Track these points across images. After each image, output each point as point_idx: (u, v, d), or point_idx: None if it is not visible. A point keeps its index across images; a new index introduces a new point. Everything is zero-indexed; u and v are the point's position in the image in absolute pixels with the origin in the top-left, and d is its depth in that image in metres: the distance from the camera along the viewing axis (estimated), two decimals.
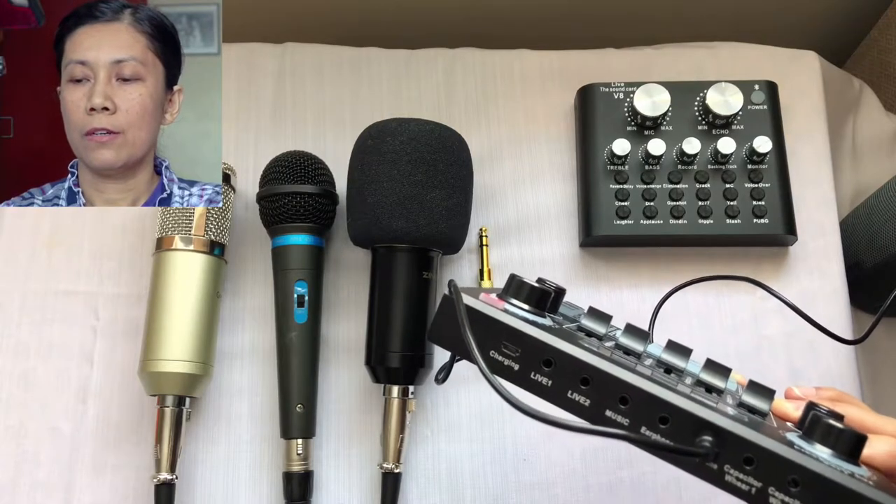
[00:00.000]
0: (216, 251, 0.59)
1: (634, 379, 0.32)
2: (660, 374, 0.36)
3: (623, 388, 0.32)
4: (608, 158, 0.64)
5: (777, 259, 0.64)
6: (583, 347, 0.34)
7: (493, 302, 0.36)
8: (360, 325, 0.60)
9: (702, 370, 0.38)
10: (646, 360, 0.38)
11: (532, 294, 0.37)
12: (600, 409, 0.33)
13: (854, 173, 0.77)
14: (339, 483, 0.59)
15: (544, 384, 0.34)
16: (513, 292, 0.38)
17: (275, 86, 0.70)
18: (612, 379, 0.32)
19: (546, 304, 0.38)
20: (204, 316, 0.57)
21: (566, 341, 0.33)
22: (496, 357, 0.35)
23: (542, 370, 0.34)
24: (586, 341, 0.36)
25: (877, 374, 0.70)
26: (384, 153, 0.56)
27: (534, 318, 0.36)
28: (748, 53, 0.71)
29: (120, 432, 0.59)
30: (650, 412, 0.32)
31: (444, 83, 0.70)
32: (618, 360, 0.34)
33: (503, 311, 0.35)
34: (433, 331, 0.36)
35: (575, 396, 0.34)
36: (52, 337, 0.62)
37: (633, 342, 0.38)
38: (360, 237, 0.58)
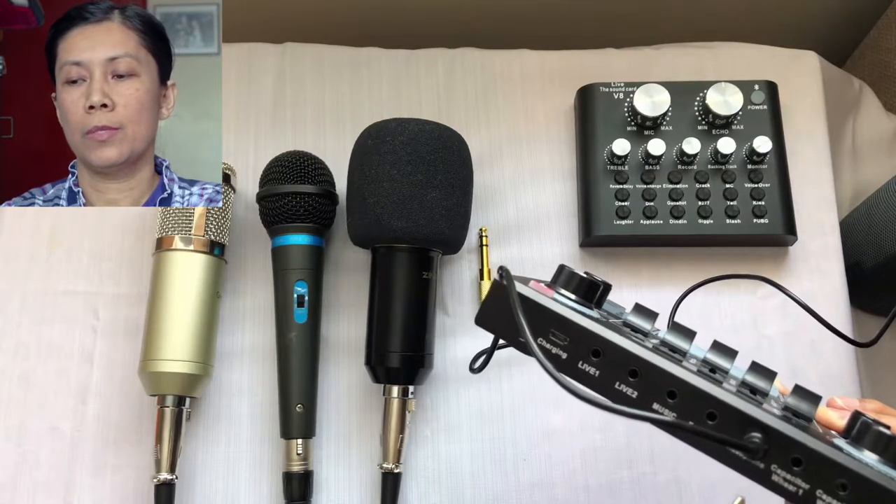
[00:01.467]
0: (216, 251, 0.59)
1: (683, 374, 0.32)
2: (706, 372, 0.36)
3: (672, 382, 0.32)
4: (608, 158, 0.64)
5: (777, 259, 0.64)
6: (632, 340, 0.34)
7: (543, 290, 0.35)
8: (360, 325, 0.60)
9: (747, 372, 0.38)
10: (690, 359, 0.38)
11: (581, 285, 0.37)
12: (647, 402, 0.33)
13: (854, 173, 0.77)
14: (339, 483, 0.59)
15: (592, 374, 0.34)
16: (562, 282, 0.38)
17: (275, 86, 0.70)
18: (661, 372, 0.32)
19: (594, 297, 0.38)
20: (204, 316, 0.57)
21: (615, 332, 0.34)
22: (544, 345, 0.35)
23: (591, 360, 0.34)
24: (633, 336, 0.36)
25: (877, 374, 0.70)
26: (384, 153, 0.56)
27: (582, 309, 0.36)
28: (748, 53, 0.71)
29: (120, 432, 0.59)
30: (698, 407, 0.32)
31: (444, 83, 0.70)
32: (666, 355, 0.34)
33: (552, 299, 0.35)
34: (481, 315, 0.36)
35: (622, 388, 0.34)
36: (52, 337, 0.62)
37: (678, 340, 0.38)
38: (360, 237, 0.58)
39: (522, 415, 0.60)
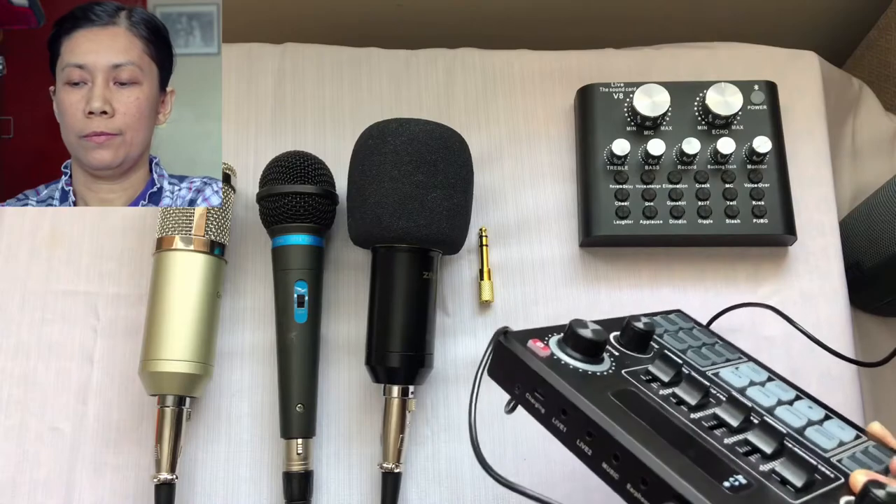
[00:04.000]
0: (216, 251, 0.59)
1: (624, 439, 0.35)
2: (702, 425, 0.39)
3: (614, 447, 0.36)
4: (608, 158, 0.64)
5: (777, 259, 0.64)
6: (595, 404, 0.37)
7: (538, 350, 0.40)
8: (360, 325, 0.60)
9: (756, 431, 0.39)
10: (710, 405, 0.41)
11: (578, 344, 0.41)
12: (598, 461, 0.37)
13: (854, 173, 0.77)
14: (339, 483, 0.59)
15: (561, 429, 0.39)
16: (562, 342, 0.42)
17: (275, 86, 0.70)
18: (608, 436, 0.36)
19: (597, 353, 0.42)
20: (204, 316, 0.57)
21: (583, 396, 0.37)
22: (529, 398, 0.40)
23: (561, 418, 0.38)
24: (644, 386, 0.41)
25: (876, 375, 0.70)
26: (385, 153, 0.56)
27: (576, 366, 0.40)
28: (748, 53, 0.71)
29: (120, 432, 0.60)
30: (636, 472, 0.34)
31: (444, 83, 0.71)
32: (623, 417, 0.37)
33: (544, 358, 0.40)
34: (490, 370, 0.42)
35: (581, 445, 0.38)
36: (52, 337, 0.62)
37: (688, 394, 0.41)
38: (361, 237, 0.58)
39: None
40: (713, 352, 0.49)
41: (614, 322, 0.46)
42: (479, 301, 0.63)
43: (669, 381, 0.42)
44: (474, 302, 0.64)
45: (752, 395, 0.45)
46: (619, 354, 0.44)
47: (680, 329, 0.51)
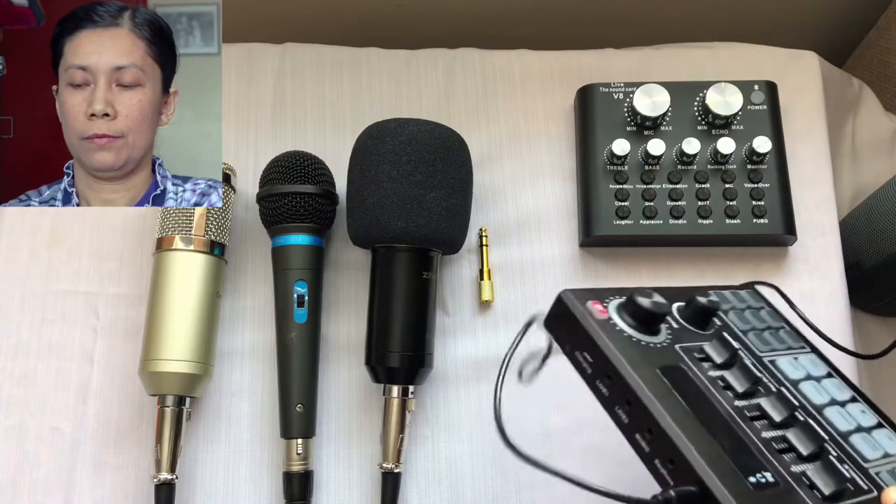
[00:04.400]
0: (216, 251, 0.59)
1: (659, 415, 0.36)
2: (744, 414, 0.39)
3: (649, 422, 0.36)
4: (608, 158, 0.64)
5: (777, 259, 0.64)
6: (640, 375, 0.37)
7: (595, 312, 0.40)
8: (360, 325, 0.60)
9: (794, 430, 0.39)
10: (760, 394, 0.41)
11: (637, 313, 0.41)
12: (633, 431, 0.37)
13: (854, 173, 0.77)
14: (339, 483, 0.59)
15: (604, 392, 0.39)
16: (625, 306, 0.42)
17: (275, 86, 0.70)
18: (644, 408, 0.36)
19: (654, 324, 0.41)
20: (204, 316, 0.58)
21: (630, 366, 0.38)
22: (578, 356, 0.40)
23: (605, 381, 0.39)
24: (694, 365, 0.41)
25: (877, 374, 0.70)
26: (384, 153, 0.56)
27: (630, 333, 0.40)
28: (748, 53, 0.71)
29: (120, 432, 0.60)
30: (665, 449, 0.35)
31: (444, 83, 0.71)
32: (665, 393, 0.37)
33: (600, 321, 0.40)
34: (547, 322, 0.42)
35: (619, 412, 0.38)
36: (52, 337, 0.62)
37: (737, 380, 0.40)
38: (360, 237, 0.58)
39: (522, 415, 0.60)
40: (776, 337, 0.47)
41: (681, 292, 0.46)
42: (479, 301, 0.63)
43: (722, 364, 0.41)
44: (474, 302, 0.64)
45: (805, 390, 0.43)
46: (679, 328, 0.43)
47: (748, 308, 0.49)
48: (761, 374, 0.42)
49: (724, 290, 0.49)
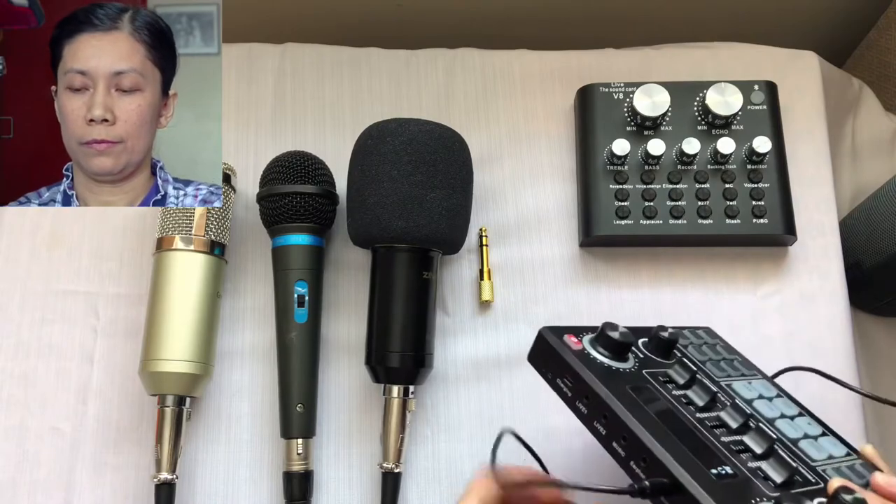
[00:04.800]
0: (216, 251, 0.59)
1: (630, 422, 0.41)
2: (692, 421, 0.44)
3: (623, 429, 0.41)
4: (608, 158, 0.64)
5: (777, 259, 0.64)
6: (613, 392, 0.43)
7: (572, 344, 0.47)
8: (360, 325, 0.60)
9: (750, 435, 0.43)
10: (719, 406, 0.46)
11: (607, 343, 0.47)
12: (610, 440, 0.42)
13: (854, 173, 0.77)
14: (339, 483, 0.59)
15: (582, 411, 0.45)
16: (597, 338, 0.48)
17: (275, 86, 0.70)
18: (617, 419, 0.42)
19: (623, 352, 0.47)
20: (204, 316, 0.58)
21: (604, 385, 0.43)
22: (559, 382, 0.46)
23: (583, 401, 0.44)
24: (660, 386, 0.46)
25: (877, 374, 0.70)
26: (384, 153, 0.56)
27: (603, 360, 0.46)
28: (748, 53, 0.71)
29: (120, 432, 0.60)
30: (638, 451, 0.40)
31: (444, 83, 0.71)
32: (636, 405, 0.43)
33: (576, 351, 0.46)
34: (530, 357, 0.48)
35: (597, 425, 0.43)
36: (52, 337, 0.62)
37: (697, 396, 0.46)
38: (361, 237, 0.58)
39: (522, 415, 0.60)
40: (731, 366, 0.53)
41: (644, 330, 0.51)
42: (479, 301, 0.63)
43: (683, 384, 0.47)
44: (474, 302, 0.64)
45: (757, 406, 0.49)
46: (644, 357, 0.49)
47: (704, 343, 0.55)
48: (719, 393, 0.47)
49: (683, 329, 0.55)
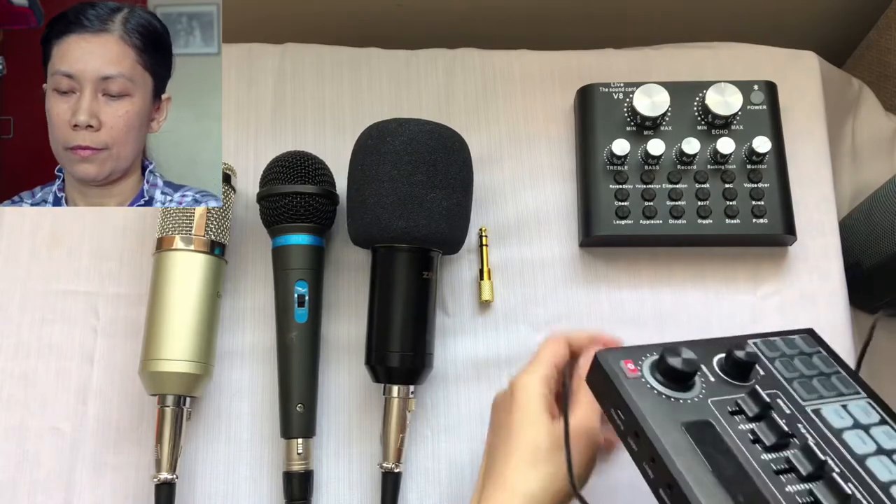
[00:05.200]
0: (216, 251, 0.59)
1: (675, 471, 0.38)
2: (754, 466, 0.39)
3: (669, 478, 0.38)
4: (608, 158, 0.64)
5: (777, 259, 0.64)
6: (661, 432, 0.40)
7: (627, 371, 0.43)
8: (360, 325, 0.60)
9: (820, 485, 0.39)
10: (792, 446, 0.41)
11: (667, 371, 0.43)
12: (657, 485, 0.39)
13: (854, 173, 0.77)
14: (339, 482, 0.59)
15: (633, 447, 0.41)
16: (657, 364, 0.44)
17: (275, 86, 0.70)
18: (663, 465, 0.38)
19: (685, 380, 0.43)
20: (204, 316, 0.58)
21: (653, 423, 0.40)
22: (613, 413, 0.43)
23: (635, 438, 0.41)
24: (725, 419, 0.42)
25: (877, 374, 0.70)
26: (384, 153, 0.56)
27: (660, 390, 0.42)
28: (747, 53, 0.71)
29: (120, 432, 0.60)
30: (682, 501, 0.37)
31: (444, 83, 0.71)
32: (686, 449, 0.39)
33: (631, 380, 0.43)
34: (588, 379, 0.45)
35: (646, 467, 0.40)
36: (52, 337, 0.62)
37: (765, 434, 0.41)
38: (361, 237, 0.58)
39: None
40: (825, 384, 0.47)
41: (724, 342, 0.47)
42: (479, 301, 0.63)
43: (753, 417, 0.42)
44: (474, 302, 0.64)
45: (848, 439, 0.43)
46: (715, 381, 0.44)
47: (799, 354, 0.49)
48: (801, 425, 0.43)
49: (775, 337, 0.50)
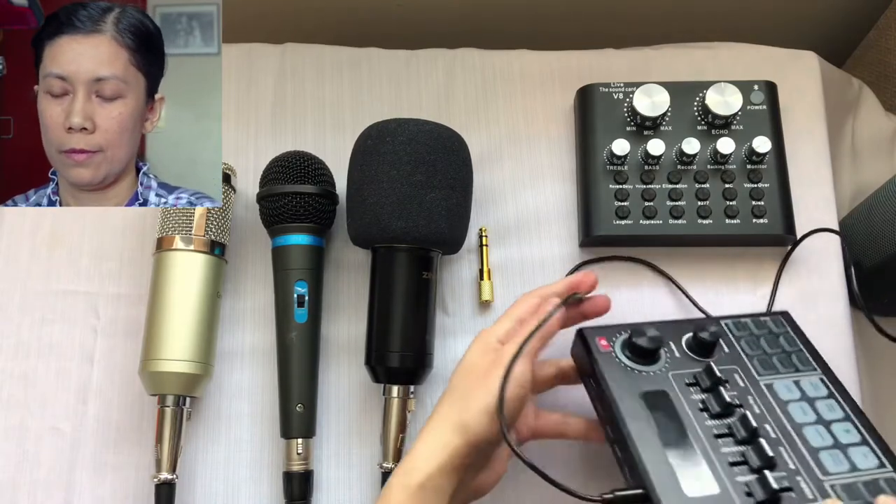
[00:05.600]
0: (216, 251, 0.59)
1: (625, 430, 0.46)
2: (697, 430, 0.46)
3: (620, 437, 0.46)
4: (608, 158, 0.64)
5: (777, 259, 0.64)
6: (620, 399, 0.47)
7: (600, 346, 0.50)
8: (360, 325, 0.60)
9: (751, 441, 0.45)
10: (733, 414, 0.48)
11: (633, 347, 0.50)
12: (612, 443, 0.48)
13: (854, 173, 0.77)
14: (339, 482, 0.59)
15: (600, 412, 0.50)
16: (625, 342, 0.51)
17: (275, 86, 0.70)
18: (616, 425, 0.46)
19: (651, 356, 0.50)
20: (204, 316, 0.58)
21: (615, 390, 0.48)
22: (588, 381, 0.51)
23: (601, 403, 0.49)
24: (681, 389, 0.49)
25: (877, 374, 0.70)
26: (384, 153, 0.56)
27: (627, 364, 0.50)
28: (747, 53, 0.71)
29: (120, 432, 0.60)
30: (628, 459, 0.45)
31: (444, 83, 0.71)
32: (638, 414, 0.47)
33: (603, 354, 0.50)
34: (572, 350, 0.53)
35: (607, 429, 0.48)
36: (52, 337, 0.62)
37: (712, 403, 0.48)
38: (360, 237, 0.58)
39: None
40: (784, 361, 0.52)
41: (698, 322, 0.52)
42: (479, 301, 0.63)
43: (706, 388, 0.49)
44: (474, 302, 0.64)
45: (791, 410, 0.49)
46: (680, 356, 0.51)
47: (767, 334, 0.54)
48: (751, 397, 0.49)
49: (748, 318, 0.55)
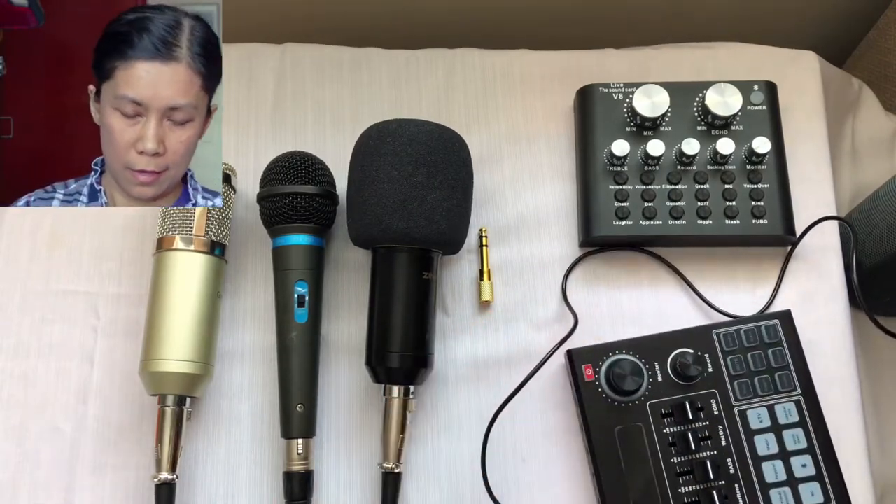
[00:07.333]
0: (217, 251, 0.59)
1: (599, 462, 0.54)
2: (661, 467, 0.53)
3: (594, 468, 0.54)
4: (607, 159, 0.64)
5: (777, 259, 0.64)
6: (595, 431, 0.54)
7: (584, 375, 0.55)
8: (360, 325, 0.60)
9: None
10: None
11: (611, 381, 0.54)
12: (593, 467, 0.54)
13: (854, 173, 0.77)
14: (339, 483, 0.59)
15: (583, 436, 0.56)
16: (607, 373, 0.55)
17: (275, 86, 0.70)
18: (593, 454, 0.55)
19: (629, 390, 0.54)
20: (204, 316, 0.58)
21: (592, 426, 0.54)
22: (576, 404, 0.57)
23: (585, 431, 0.56)
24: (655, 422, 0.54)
25: (877, 374, 0.70)
26: (384, 154, 0.56)
27: (608, 395, 0.55)
28: (747, 54, 0.71)
29: (120, 432, 0.60)
30: (599, 488, 0.54)
31: (444, 83, 0.71)
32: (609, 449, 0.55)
33: (585, 383, 0.55)
34: (568, 364, 0.58)
35: (587, 453, 0.55)
36: (52, 337, 0.62)
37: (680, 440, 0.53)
38: (361, 238, 0.58)
39: (522, 415, 0.60)
40: (765, 384, 0.55)
41: (693, 333, 0.56)
42: (479, 301, 0.63)
43: (678, 422, 0.53)
44: (474, 302, 0.64)
45: (756, 443, 0.53)
46: (662, 380, 0.55)
47: (756, 347, 0.56)
48: (721, 426, 0.53)
49: (744, 325, 0.57)
